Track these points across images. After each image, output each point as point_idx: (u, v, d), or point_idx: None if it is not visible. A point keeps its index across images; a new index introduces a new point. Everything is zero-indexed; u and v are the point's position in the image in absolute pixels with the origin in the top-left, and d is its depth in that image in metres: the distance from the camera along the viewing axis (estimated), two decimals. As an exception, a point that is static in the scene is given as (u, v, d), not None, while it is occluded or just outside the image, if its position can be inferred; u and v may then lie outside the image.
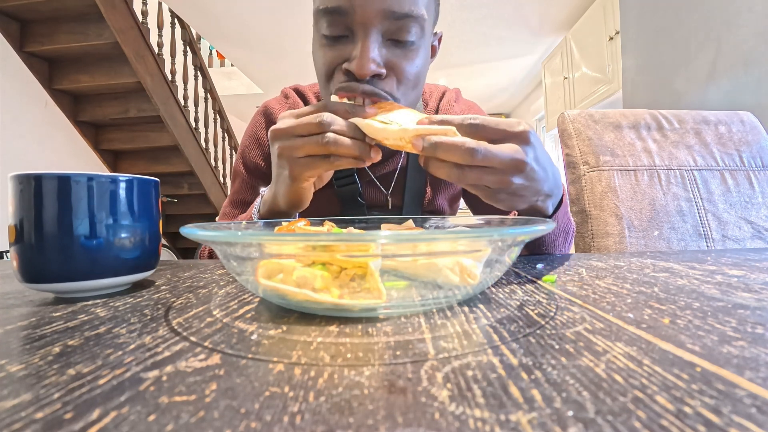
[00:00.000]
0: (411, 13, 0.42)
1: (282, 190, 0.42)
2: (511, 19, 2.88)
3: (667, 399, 0.12)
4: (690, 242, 0.74)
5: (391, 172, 0.63)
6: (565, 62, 2.97)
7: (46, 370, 0.15)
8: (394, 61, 0.44)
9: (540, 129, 4.35)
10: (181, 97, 2.80)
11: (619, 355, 0.16)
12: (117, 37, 2.20)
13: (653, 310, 0.22)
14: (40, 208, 0.27)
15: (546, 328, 0.20)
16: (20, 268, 0.28)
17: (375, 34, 0.42)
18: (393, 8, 0.41)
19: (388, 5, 0.41)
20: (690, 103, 1.54)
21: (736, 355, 0.16)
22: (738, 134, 0.84)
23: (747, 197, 0.78)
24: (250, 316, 0.23)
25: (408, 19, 0.42)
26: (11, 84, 2.21)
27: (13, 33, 2.21)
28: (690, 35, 1.54)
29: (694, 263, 0.39)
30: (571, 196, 0.80)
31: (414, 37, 0.44)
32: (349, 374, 0.15)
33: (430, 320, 0.21)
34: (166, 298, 0.28)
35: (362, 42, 0.42)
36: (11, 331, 0.21)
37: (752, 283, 0.29)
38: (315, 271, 0.22)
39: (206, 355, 0.17)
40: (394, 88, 0.45)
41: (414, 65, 0.45)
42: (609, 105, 2.48)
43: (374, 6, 0.41)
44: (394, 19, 0.42)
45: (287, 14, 2.84)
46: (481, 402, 0.12)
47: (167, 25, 2.90)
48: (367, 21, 0.41)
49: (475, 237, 0.22)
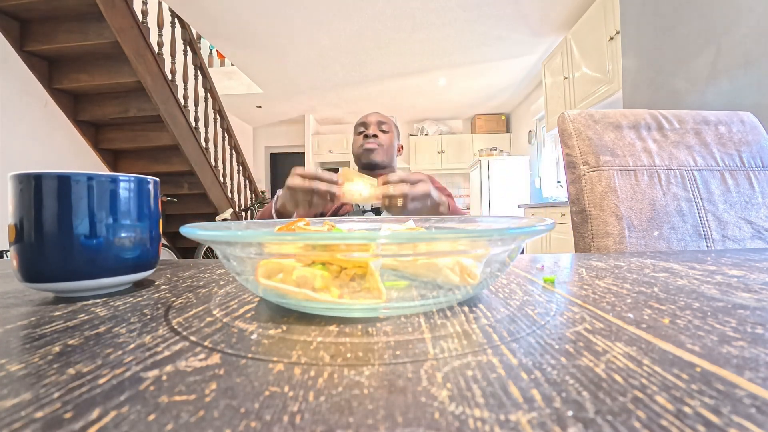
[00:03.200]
0: (386, 121, 1.13)
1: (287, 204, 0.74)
2: (511, 19, 2.88)
3: (667, 399, 0.12)
4: (690, 242, 0.74)
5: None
6: (565, 62, 2.97)
7: (46, 369, 0.15)
8: (380, 135, 1.11)
9: (540, 129, 4.35)
10: (181, 96, 2.80)
11: (618, 355, 0.16)
12: (117, 36, 2.20)
13: (653, 310, 0.22)
14: (40, 208, 0.27)
15: (546, 328, 0.20)
16: (20, 267, 0.28)
17: (374, 126, 1.12)
18: (380, 119, 1.13)
19: (379, 118, 1.13)
20: (690, 103, 1.54)
21: (735, 355, 0.16)
22: (738, 134, 0.84)
23: (747, 197, 0.78)
24: (250, 315, 0.23)
25: (384, 123, 1.13)
26: (11, 83, 2.21)
27: (13, 32, 2.21)
28: (690, 35, 1.54)
29: (694, 263, 0.39)
30: (571, 196, 0.80)
31: (387, 129, 1.13)
32: (348, 374, 0.15)
33: (430, 320, 0.21)
34: (166, 297, 0.28)
35: (369, 128, 1.11)
36: (11, 330, 0.21)
37: (752, 283, 0.29)
38: (315, 270, 0.22)
39: (206, 355, 0.17)
40: (381, 141, 1.10)
41: (388, 137, 1.12)
42: (609, 105, 2.48)
43: (374, 119, 1.13)
44: (379, 122, 1.12)
45: (287, 14, 2.84)
46: (481, 402, 0.12)
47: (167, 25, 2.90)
48: (371, 123, 1.12)
49: (475, 237, 0.22)
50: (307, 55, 3.56)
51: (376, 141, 1.09)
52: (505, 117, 5.51)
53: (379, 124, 1.12)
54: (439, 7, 2.75)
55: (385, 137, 1.11)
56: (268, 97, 4.75)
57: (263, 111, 5.35)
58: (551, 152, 4.17)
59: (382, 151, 1.10)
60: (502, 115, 5.52)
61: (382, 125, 1.12)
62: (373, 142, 1.08)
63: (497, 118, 5.51)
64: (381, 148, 1.09)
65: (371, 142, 1.08)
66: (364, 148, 1.08)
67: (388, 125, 1.13)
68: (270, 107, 5.19)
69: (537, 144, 4.47)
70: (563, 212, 2.71)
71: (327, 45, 3.32)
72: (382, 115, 1.15)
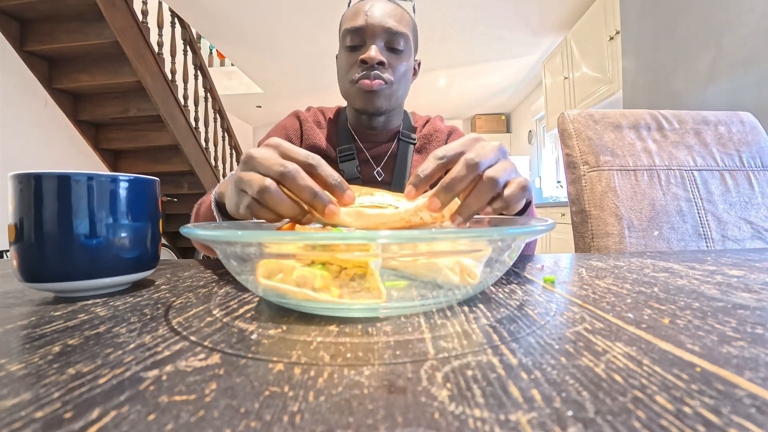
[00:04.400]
0: (400, 31, 0.65)
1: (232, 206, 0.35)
2: (511, 19, 2.88)
3: (667, 399, 0.12)
4: (690, 242, 0.74)
5: (382, 154, 0.77)
6: (566, 62, 2.97)
7: (46, 369, 0.15)
8: (389, 60, 0.66)
9: (540, 129, 4.35)
10: (181, 96, 2.79)
11: (618, 355, 0.16)
12: (117, 36, 2.20)
13: (653, 310, 0.22)
14: (40, 208, 0.27)
15: (546, 328, 0.20)
16: (20, 267, 0.28)
17: (378, 42, 0.65)
18: (390, 27, 0.64)
19: (388, 25, 0.64)
20: (690, 103, 1.54)
21: (735, 355, 0.16)
22: (738, 134, 0.84)
23: (747, 197, 0.78)
24: (250, 315, 0.23)
25: (398, 34, 0.65)
26: (11, 83, 2.21)
27: (13, 32, 2.21)
28: (690, 35, 1.54)
29: (694, 263, 0.39)
30: (571, 196, 0.80)
31: (402, 48, 0.66)
32: (348, 374, 0.15)
33: (430, 320, 0.21)
34: (165, 297, 0.28)
35: (367, 46, 0.65)
36: (11, 330, 0.21)
37: (752, 283, 0.29)
38: (315, 270, 0.22)
39: (206, 355, 0.17)
40: (391, 75, 0.66)
41: (402, 65, 0.67)
42: (609, 105, 2.48)
43: (379, 25, 0.64)
44: (391, 34, 0.65)
45: (287, 14, 2.84)
46: (481, 402, 0.12)
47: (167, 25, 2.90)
48: (373, 34, 0.65)
49: (475, 237, 0.22)
50: (307, 55, 3.55)
51: (384, 75, 0.64)
52: (505, 117, 5.51)
53: (389, 36, 0.64)
54: (439, 7, 2.74)
55: (398, 63, 0.66)
56: (268, 97, 4.75)
57: (263, 111, 5.35)
58: (551, 152, 4.17)
59: (392, 93, 0.67)
60: (502, 115, 5.51)
61: (394, 39, 0.64)
62: (379, 78, 0.64)
63: (497, 118, 5.50)
64: (390, 88, 0.66)
65: (375, 79, 0.64)
66: (361, 89, 0.64)
67: (404, 35, 0.65)
68: (270, 107, 5.18)
69: (537, 144, 4.47)
70: (563, 212, 2.71)
71: (327, 45, 3.32)
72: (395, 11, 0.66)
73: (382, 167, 0.76)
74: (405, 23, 0.67)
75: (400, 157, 0.76)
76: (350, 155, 0.74)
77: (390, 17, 0.65)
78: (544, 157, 4.25)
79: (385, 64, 0.65)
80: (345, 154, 0.74)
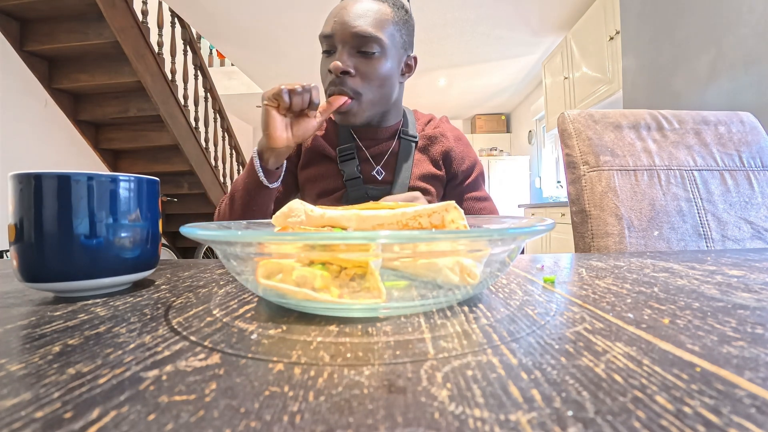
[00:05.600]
0: (371, 34, 0.62)
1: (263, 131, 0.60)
2: (511, 19, 2.88)
3: (667, 399, 0.12)
4: (690, 242, 0.74)
5: (383, 153, 0.75)
6: (566, 62, 2.97)
7: (46, 369, 0.15)
8: (360, 66, 0.63)
9: (540, 129, 4.35)
10: (181, 96, 2.79)
11: (618, 355, 0.16)
12: (117, 36, 2.20)
13: (653, 310, 0.22)
14: (40, 208, 0.27)
15: (546, 328, 0.20)
16: (20, 267, 0.28)
17: (348, 48, 0.63)
18: (358, 31, 0.61)
19: (355, 29, 0.61)
20: (690, 104, 1.54)
21: (735, 355, 0.16)
22: (738, 135, 0.84)
23: (747, 197, 0.78)
24: (250, 315, 0.23)
25: (369, 38, 0.62)
26: (11, 83, 2.21)
27: (13, 32, 2.21)
28: (690, 35, 1.54)
29: (694, 263, 0.39)
30: (571, 196, 0.80)
31: (376, 51, 0.63)
32: (348, 374, 0.15)
33: (430, 320, 0.21)
34: (166, 297, 0.28)
35: (340, 54, 0.63)
36: (11, 330, 0.21)
37: (752, 283, 0.29)
38: (315, 270, 0.22)
39: (206, 355, 0.17)
40: (359, 86, 0.64)
41: (375, 70, 0.64)
42: (609, 105, 2.48)
43: (346, 30, 0.62)
44: (359, 38, 0.62)
45: (287, 14, 2.84)
46: (481, 402, 0.12)
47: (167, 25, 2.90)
48: (342, 40, 0.63)
49: (475, 237, 0.22)
50: (307, 55, 3.55)
51: (349, 86, 0.62)
52: (505, 117, 5.51)
53: (358, 41, 0.61)
54: (439, 7, 2.74)
55: (370, 68, 0.63)
56: (268, 96, 4.75)
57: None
58: (551, 152, 4.17)
59: (363, 105, 0.65)
60: (502, 115, 5.52)
61: (364, 43, 0.61)
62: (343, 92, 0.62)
63: (497, 118, 5.51)
64: (359, 103, 0.64)
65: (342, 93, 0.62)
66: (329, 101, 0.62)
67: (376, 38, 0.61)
68: (270, 107, 5.18)
69: (537, 144, 4.47)
70: (563, 212, 2.71)
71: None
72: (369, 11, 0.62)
73: (382, 166, 0.75)
74: (380, 23, 0.63)
75: (401, 156, 0.75)
76: (350, 155, 0.73)
77: (360, 19, 0.62)
78: (544, 157, 4.25)
79: (351, 72, 0.62)
80: (345, 153, 0.74)
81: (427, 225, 0.26)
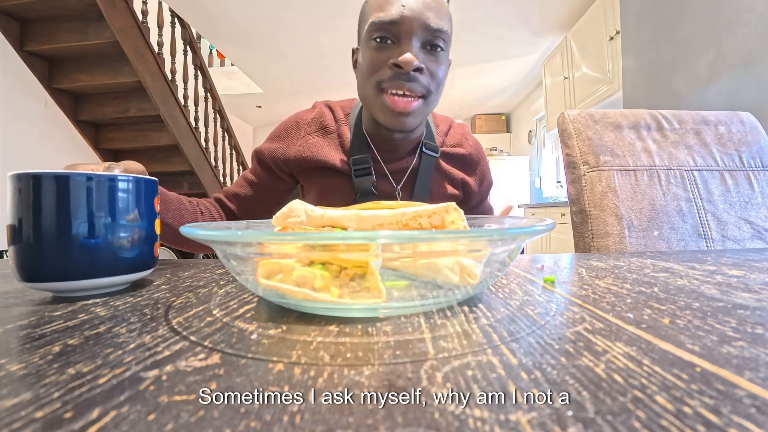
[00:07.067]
0: (442, 28, 0.55)
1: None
2: (511, 19, 2.88)
3: (667, 399, 0.12)
4: (690, 242, 0.74)
5: (403, 169, 0.68)
6: (566, 62, 2.97)
7: (46, 369, 0.15)
8: (427, 63, 0.56)
9: (540, 129, 4.35)
10: (181, 96, 2.79)
11: (618, 355, 0.16)
12: (117, 36, 2.19)
13: (653, 310, 0.22)
14: (39, 208, 0.27)
15: (546, 328, 0.20)
16: (19, 267, 0.28)
17: (415, 40, 0.54)
18: (430, 23, 0.54)
19: (427, 20, 0.54)
20: (690, 103, 1.54)
21: (735, 355, 0.16)
22: (738, 135, 0.84)
23: (747, 197, 0.78)
24: (250, 315, 0.23)
25: (439, 32, 0.55)
26: (11, 83, 2.21)
27: (13, 32, 2.21)
28: (690, 35, 1.54)
29: (694, 263, 0.39)
30: (571, 196, 0.80)
31: (442, 46, 0.57)
32: (348, 374, 0.15)
33: (430, 320, 0.21)
34: (165, 297, 0.28)
35: (408, 45, 0.54)
36: (11, 330, 0.21)
37: (752, 283, 0.29)
38: (315, 270, 0.22)
39: (206, 355, 0.17)
40: (430, 84, 0.56)
41: (441, 69, 0.57)
42: (609, 105, 2.48)
43: (419, 20, 0.53)
44: (431, 31, 0.54)
45: (287, 14, 2.84)
46: (481, 402, 0.12)
47: (167, 25, 2.90)
48: (411, 31, 0.54)
49: (475, 237, 0.22)
50: (307, 55, 3.55)
51: (421, 85, 0.55)
52: (505, 117, 5.51)
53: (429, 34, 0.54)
54: (439, 7, 2.74)
55: (437, 67, 0.57)
56: (268, 97, 4.75)
57: (263, 111, 5.35)
58: (551, 152, 4.17)
59: (427, 108, 0.58)
60: (502, 115, 5.51)
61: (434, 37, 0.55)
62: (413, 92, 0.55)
63: (497, 118, 5.50)
64: (426, 105, 0.57)
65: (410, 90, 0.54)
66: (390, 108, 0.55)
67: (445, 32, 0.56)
68: (270, 107, 5.18)
69: (537, 144, 4.47)
70: (563, 212, 2.71)
71: (327, 45, 3.32)
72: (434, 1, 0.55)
73: (402, 186, 0.66)
74: (445, 16, 0.56)
75: (422, 173, 0.67)
76: (366, 168, 0.63)
77: (429, 10, 0.53)
78: (544, 157, 4.25)
79: (423, 70, 0.54)
80: (360, 167, 0.64)
81: (427, 225, 0.26)
